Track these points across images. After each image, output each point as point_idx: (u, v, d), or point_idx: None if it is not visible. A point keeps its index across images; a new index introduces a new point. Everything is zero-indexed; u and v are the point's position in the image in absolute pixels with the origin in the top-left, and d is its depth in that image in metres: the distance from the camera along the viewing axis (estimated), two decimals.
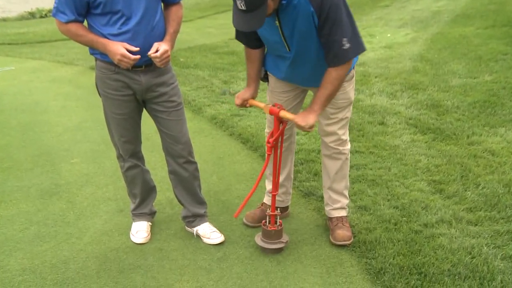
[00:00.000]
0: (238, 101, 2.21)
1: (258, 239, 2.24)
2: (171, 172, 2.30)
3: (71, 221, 2.56)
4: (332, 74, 1.93)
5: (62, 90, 5.23)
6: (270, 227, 2.20)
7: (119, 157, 2.26)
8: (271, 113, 2.07)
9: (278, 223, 2.23)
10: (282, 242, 2.22)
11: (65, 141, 3.75)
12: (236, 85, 5.18)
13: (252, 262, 2.20)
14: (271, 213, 2.18)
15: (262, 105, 2.15)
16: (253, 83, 2.21)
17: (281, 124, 2.07)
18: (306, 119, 1.96)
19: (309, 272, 2.12)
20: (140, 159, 2.29)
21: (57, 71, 6.19)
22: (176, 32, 2.06)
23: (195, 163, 2.29)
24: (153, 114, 2.19)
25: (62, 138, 3.81)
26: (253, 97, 2.23)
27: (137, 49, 1.91)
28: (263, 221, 2.24)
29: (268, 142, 2.06)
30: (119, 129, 2.16)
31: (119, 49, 1.88)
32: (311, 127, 1.96)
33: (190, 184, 2.31)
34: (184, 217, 2.41)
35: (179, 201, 2.40)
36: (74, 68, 6.31)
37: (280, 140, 2.13)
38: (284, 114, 2.04)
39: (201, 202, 2.40)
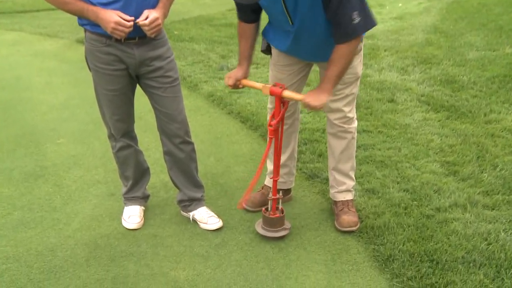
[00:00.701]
0: (230, 81, 2.15)
1: (259, 227, 2.24)
2: (166, 153, 2.28)
3: (58, 206, 2.55)
4: (342, 50, 1.90)
5: (46, 65, 5.16)
6: (272, 215, 2.19)
7: (111, 136, 2.24)
8: (272, 93, 2.00)
9: (280, 209, 2.21)
10: (285, 229, 2.22)
11: (51, 120, 3.72)
12: (234, 59, 5.13)
13: (252, 248, 2.20)
14: (272, 197, 2.16)
15: (259, 85, 2.06)
16: (245, 62, 2.16)
17: (282, 105, 2.02)
18: (318, 98, 1.91)
19: (313, 259, 2.13)
20: (133, 139, 2.28)
21: (39, 44, 6.11)
22: (170, 0, 2.00)
23: (192, 143, 2.27)
24: (148, 91, 2.16)
25: (47, 117, 3.78)
26: (245, 77, 2.18)
27: (132, 18, 1.87)
28: (263, 208, 2.23)
29: (270, 125, 2.02)
30: (111, 107, 2.13)
31: (113, 16, 1.83)
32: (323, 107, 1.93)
33: (186, 166, 2.30)
34: (180, 201, 2.41)
35: (175, 184, 2.39)
36: (59, 41, 6.22)
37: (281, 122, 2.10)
38: (288, 94, 1.99)
39: (198, 185, 2.40)
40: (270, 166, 2.51)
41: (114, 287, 1.96)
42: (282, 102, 2.02)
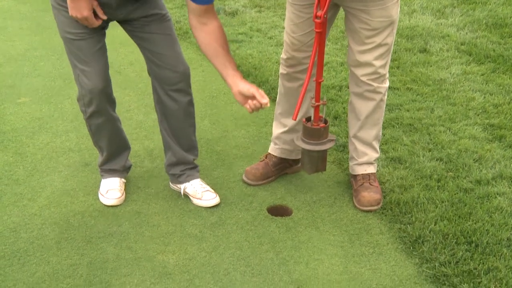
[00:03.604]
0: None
1: (299, 141, 2.21)
2: (157, 102, 2.28)
3: (21, 178, 2.55)
4: None
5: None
6: (315, 125, 2.16)
7: (80, 99, 2.21)
8: None
9: (323, 120, 2.18)
10: (331, 140, 2.20)
11: (8, 74, 3.67)
12: (232, 0, 5.01)
13: (254, 228, 2.21)
14: (316, 103, 2.12)
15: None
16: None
17: None
18: None
19: (326, 241, 2.13)
20: (109, 102, 2.23)
21: None
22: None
23: (190, 95, 2.26)
24: (131, 32, 2.15)
25: (4, 70, 3.74)
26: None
27: (104, 18, 2.01)
28: (304, 119, 2.20)
29: (317, 17, 1.94)
30: (77, 55, 2.10)
31: (85, 9, 1.94)
32: None
33: (180, 121, 2.29)
34: (168, 166, 2.41)
35: (164, 141, 2.38)
36: None
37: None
38: None
39: (191, 147, 2.39)
40: (276, 129, 2.50)
41: (91, 274, 1.98)
42: None
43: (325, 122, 2.18)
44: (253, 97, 1.92)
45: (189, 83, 2.23)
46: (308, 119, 2.19)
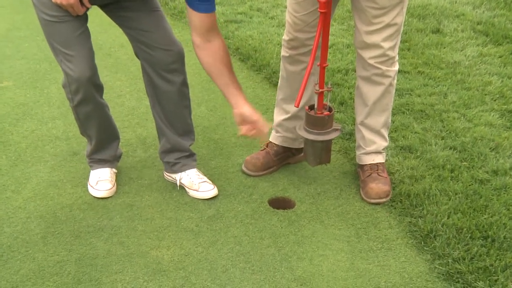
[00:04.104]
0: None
1: (302, 130, 2.22)
2: (148, 85, 2.27)
3: (4, 169, 2.55)
4: None
5: None
6: (318, 113, 2.16)
7: (66, 86, 2.19)
8: None
9: (327, 107, 2.18)
10: (336, 129, 2.21)
11: None
12: None
13: (255, 221, 2.21)
14: (319, 90, 2.13)
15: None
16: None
17: None
18: None
19: (332, 235, 2.13)
20: (96, 88, 2.21)
21: None
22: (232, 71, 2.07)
23: (183, 74, 2.25)
24: (111, 10, 2.13)
25: None
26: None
27: (89, 6, 2.01)
28: (307, 107, 2.21)
29: None
30: (58, 39, 2.07)
31: None
32: None
33: (174, 103, 2.28)
34: (162, 153, 2.41)
35: (157, 127, 2.38)
36: None
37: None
38: None
39: (187, 131, 2.38)
40: (277, 117, 2.50)
41: (79, 271, 1.98)
42: None
43: (330, 110, 2.18)
44: (253, 124, 1.99)
45: (183, 63, 2.22)
46: (311, 107, 2.18)
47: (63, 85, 2.20)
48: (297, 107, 2.10)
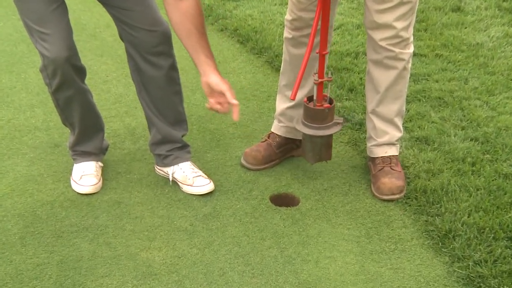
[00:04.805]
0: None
1: (299, 124, 2.23)
2: (135, 70, 2.27)
3: None
4: None
5: None
6: (318, 105, 2.17)
7: (43, 69, 2.19)
8: None
9: (328, 99, 2.20)
10: (338, 123, 2.22)
11: None
12: None
13: (255, 220, 2.21)
14: (319, 80, 2.14)
15: None
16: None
17: None
18: None
19: (340, 235, 2.13)
20: (76, 70, 2.20)
21: None
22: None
23: (172, 57, 2.25)
24: None
25: None
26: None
27: None
28: (305, 98, 2.22)
29: None
30: (30, 17, 2.06)
31: None
32: None
33: (162, 89, 2.28)
34: (153, 145, 2.41)
35: (147, 117, 2.37)
36: None
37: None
38: None
39: (178, 120, 2.38)
40: (280, 105, 2.50)
41: (61, 275, 1.97)
42: None
43: (330, 102, 2.18)
44: (221, 94, 1.94)
45: (170, 44, 2.21)
46: (310, 99, 2.18)
47: (40, 69, 2.20)
48: (293, 99, 2.10)
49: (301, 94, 2.35)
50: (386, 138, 2.36)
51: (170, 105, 2.33)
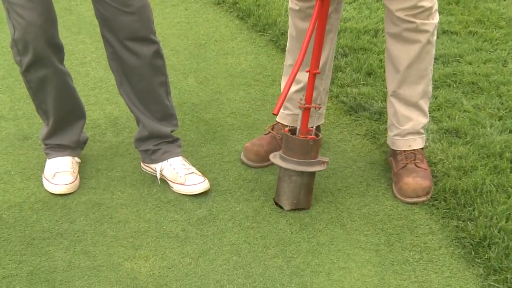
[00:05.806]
0: None
1: (276, 158, 2.24)
2: (113, 58, 2.27)
3: None
4: None
5: None
6: (302, 135, 2.20)
7: (13, 45, 2.19)
8: None
9: (313, 132, 2.22)
10: (322, 162, 2.23)
11: None
12: None
13: (257, 225, 2.21)
14: (306, 105, 2.17)
15: None
16: None
17: None
18: None
19: (355, 243, 2.13)
20: (51, 47, 2.21)
21: None
22: None
23: (156, 43, 2.25)
24: None
25: None
26: None
27: None
28: (286, 128, 2.25)
29: None
30: None
31: None
32: None
33: (145, 80, 2.29)
34: (137, 141, 2.42)
35: (130, 111, 2.39)
36: None
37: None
38: None
39: (166, 115, 2.39)
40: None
41: None
42: None
43: (317, 135, 2.20)
44: None
45: (149, 27, 2.20)
46: (293, 132, 2.19)
47: (10, 45, 2.19)
48: (276, 114, 2.12)
49: (296, 89, 2.38)
50: (409, 125, 2.34)
51: (155, 98, 2.34)
